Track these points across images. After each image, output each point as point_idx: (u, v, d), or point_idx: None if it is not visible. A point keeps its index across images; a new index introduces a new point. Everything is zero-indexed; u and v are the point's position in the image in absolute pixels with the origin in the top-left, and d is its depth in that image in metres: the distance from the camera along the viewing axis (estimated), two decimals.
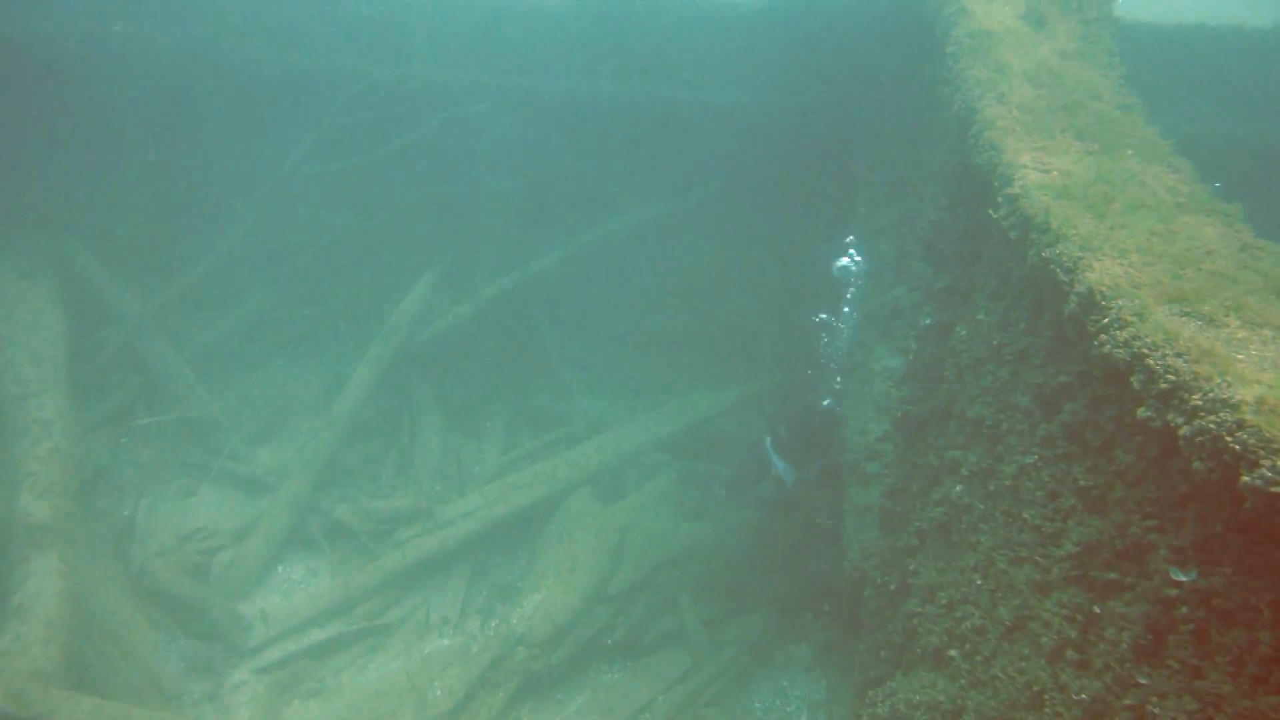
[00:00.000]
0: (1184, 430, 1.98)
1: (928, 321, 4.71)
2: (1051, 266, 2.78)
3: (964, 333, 4.42)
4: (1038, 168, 3.40)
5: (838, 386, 6.96)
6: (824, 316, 6.86)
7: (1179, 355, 2.08)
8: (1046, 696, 2.78)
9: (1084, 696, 2.53)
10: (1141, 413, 2.17)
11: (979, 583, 3.70)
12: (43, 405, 6.60)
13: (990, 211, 3.40)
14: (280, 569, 7.43)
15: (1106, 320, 2.37)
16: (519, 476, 7.96)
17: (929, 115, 5.69)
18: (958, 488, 4.19)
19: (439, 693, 6.29)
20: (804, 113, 7.67)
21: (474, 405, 9.11)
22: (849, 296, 6.59)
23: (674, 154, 8.57)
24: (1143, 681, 2.29)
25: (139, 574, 6.68)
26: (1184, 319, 2.26)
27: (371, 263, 9.50)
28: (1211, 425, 1.88)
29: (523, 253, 9.08)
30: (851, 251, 6.69)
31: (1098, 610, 2.67)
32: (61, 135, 8.65)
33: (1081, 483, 2.85)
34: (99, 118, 8.66)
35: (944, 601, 4.09)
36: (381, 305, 9.18)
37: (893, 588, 4.78)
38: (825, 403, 7.03)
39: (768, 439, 7.07)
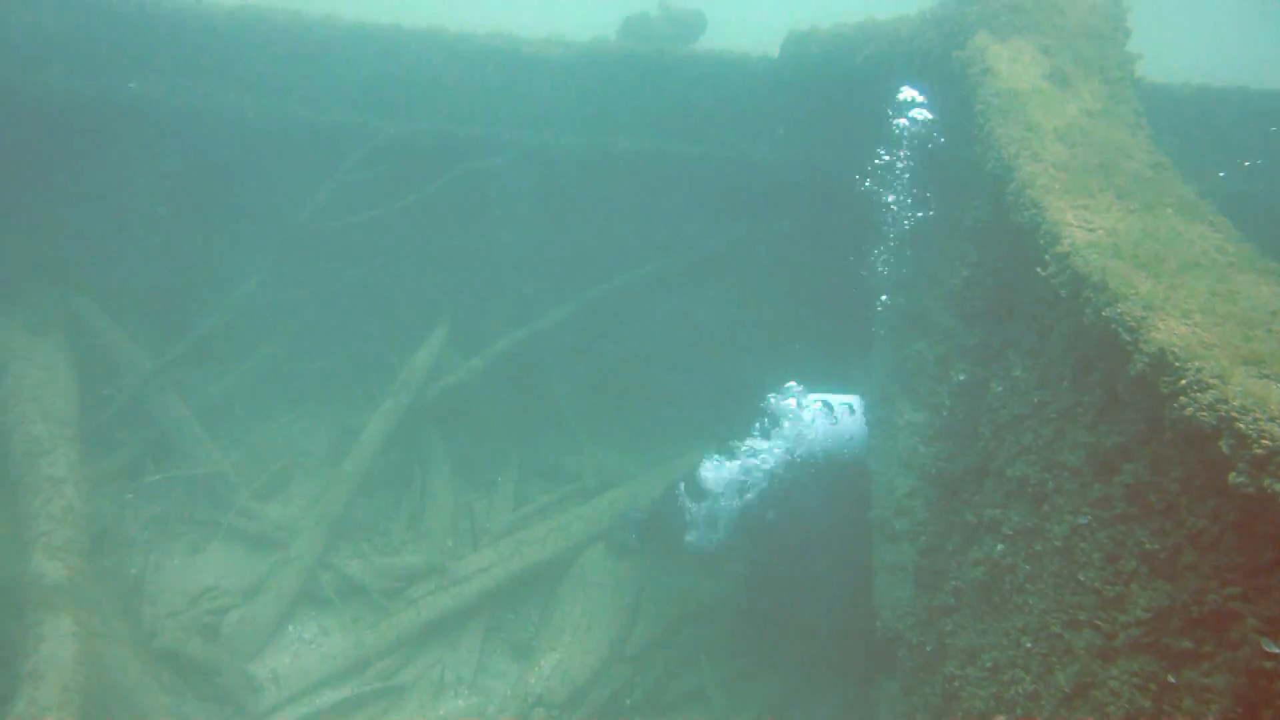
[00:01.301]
0: None
1: (961, 378, 4.69)
2: (1112, 326, 2.76)
3: (1000, 389, 4.40)
4: (1083, 226, 3.41)
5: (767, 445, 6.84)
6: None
7: (1272, 420, 2.06)
8: None
9: None
10: (1233, 479, 2.14)
11: (1029, 646, 3.63)
12: (54, 462, 6.51)
13: (1038, 270, 3.40)
14: (291, 628, 7.28)
15: (1185, 382, 2.34)
16: (532, 532, 7.86)
17: (951, 174, 5.71)
18: (999, 547, 4.14)
19: None
20: (818, 168, 7.72)
21: (484, 459, 9.02)
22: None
23: (687, 208, 8.61)
24: None
25: (149, 634, 6.53)
26: (1266, 382, 2.24)
27: (380, 316, 9.47)
28: None
29: (534, 306, 9.07)
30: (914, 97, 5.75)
31: (1174, 680, 2.60)
32: (71, 190, 8.64)
33: (1147, 546, 2.80)
34: (109, 172, 8.65)
35: (988, 665, 4.01)
36: (389, 359, 9.15)
37: (929, 649, 4.70)
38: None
39: (681, 484, 6.80)
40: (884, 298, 6.75)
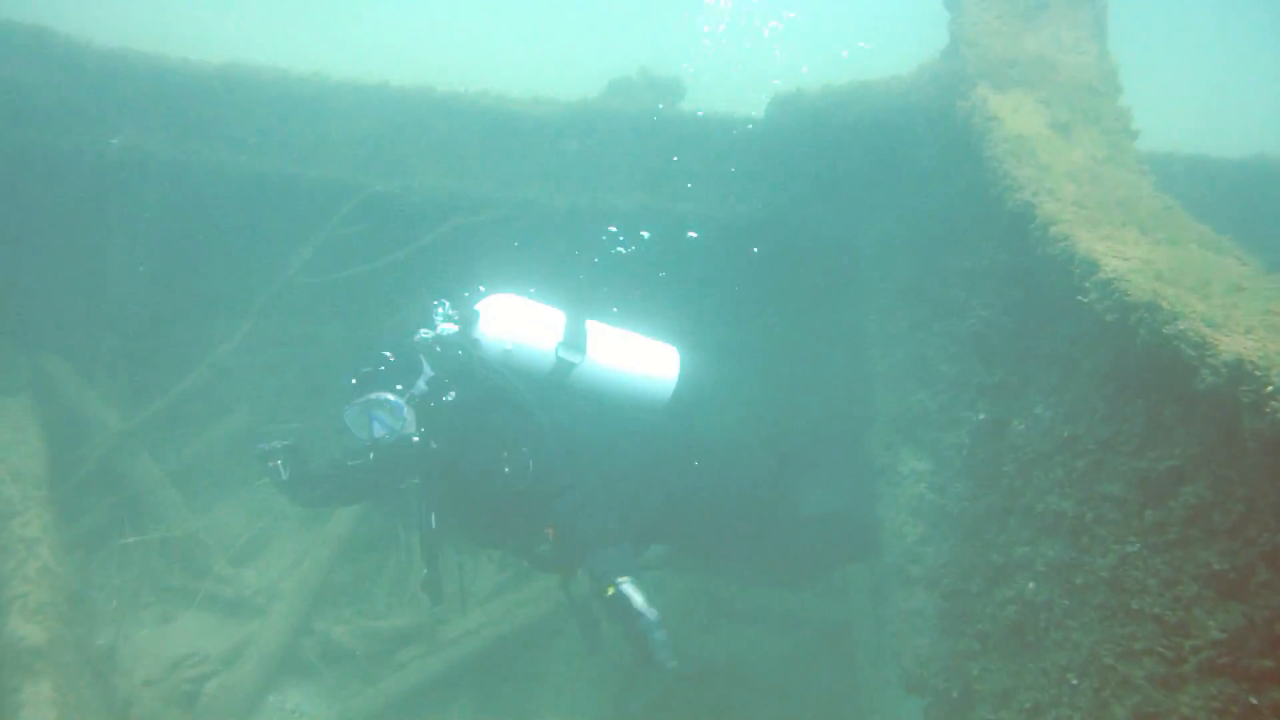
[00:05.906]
0: None
1: (981, 417, 4.70)
2: (1175, 343, 2.78)
3: (1022, 427, 4.41)
4: (1117, 255, 3.45)
5: None
6: None
7: None
8: None
9: None
10: None
11: (1075, 682, 3.56)
12: (27, 523, 6.23)
13: (1079, 299, 3.42)
14: (271, 697, 6.95)
15: (1271, 389, 2.35)
16: (523, 593, 7.64)
17: (949, 222, 5.79)
18: (1031, 585, 4.10)
19: None
20: (807, 224, 7.76)
21: None
22: None
23: (682, 266, 8.62)
24: None
25: (124, 705, 6.19)
26: None
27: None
28: None
29: None
30: None
31: (1255, 700, 2.56)
32: (43, 248, 8.43)
33: (1215, 567, 2.78)
34: (87, 229, 8.47)
35: (1027, 705, 3.93)
36: None
37: (955, 695, 4.61)
38: None
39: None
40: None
